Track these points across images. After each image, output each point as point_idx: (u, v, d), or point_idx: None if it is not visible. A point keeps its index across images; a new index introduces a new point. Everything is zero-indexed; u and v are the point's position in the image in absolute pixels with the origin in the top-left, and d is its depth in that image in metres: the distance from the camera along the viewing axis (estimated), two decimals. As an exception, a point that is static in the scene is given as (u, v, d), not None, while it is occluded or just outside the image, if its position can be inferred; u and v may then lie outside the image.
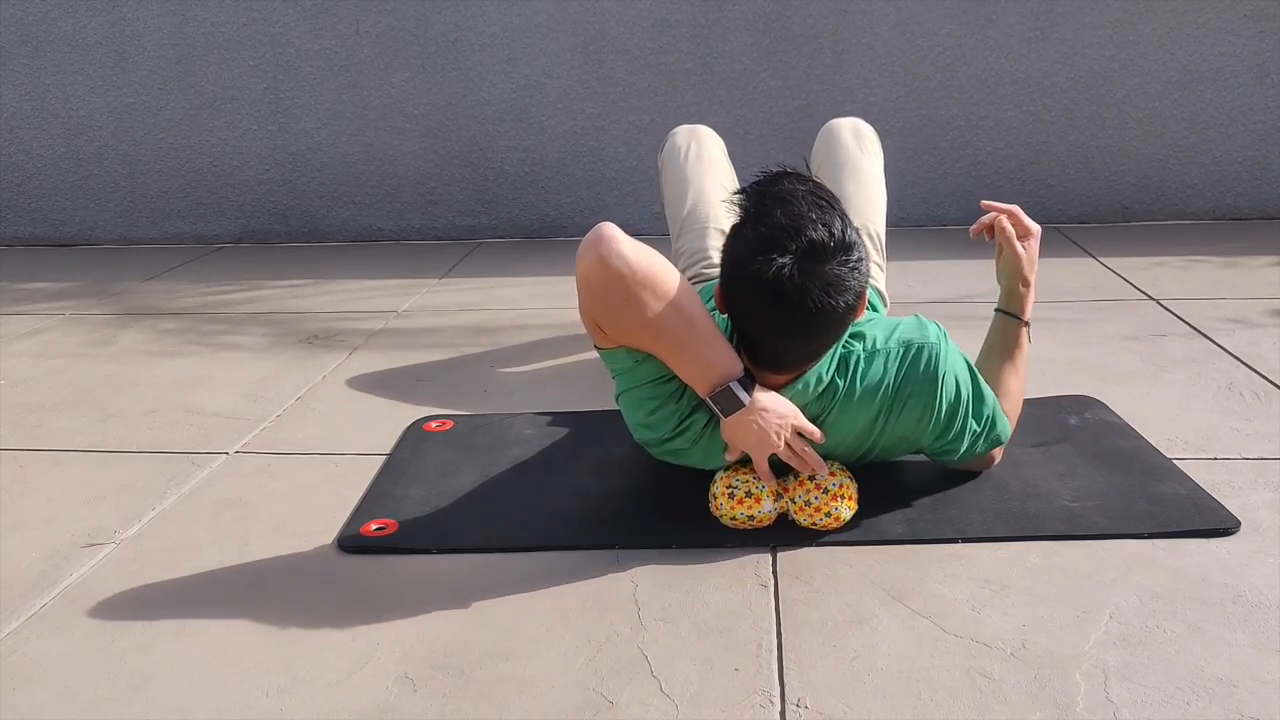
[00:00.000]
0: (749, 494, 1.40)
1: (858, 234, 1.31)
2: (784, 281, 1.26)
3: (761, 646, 1.19)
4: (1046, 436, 1.69)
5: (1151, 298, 2.47)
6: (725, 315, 1.37)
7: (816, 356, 1.36)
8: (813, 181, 1.34)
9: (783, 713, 1.08)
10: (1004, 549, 1.37)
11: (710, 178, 1.96)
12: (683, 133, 2.05)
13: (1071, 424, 1.74)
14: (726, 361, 1.34)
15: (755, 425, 1.34)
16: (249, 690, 1.15)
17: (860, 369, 1.39)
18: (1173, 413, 1.79)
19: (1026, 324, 1.53)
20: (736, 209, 1.34)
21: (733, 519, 1.40)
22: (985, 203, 1.54)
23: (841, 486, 1.40)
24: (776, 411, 1.35)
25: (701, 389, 1.35)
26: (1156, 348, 2.12)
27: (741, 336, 1.38)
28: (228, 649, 1.22)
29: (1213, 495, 1.47)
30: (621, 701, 1.10)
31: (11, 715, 1.12)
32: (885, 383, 1.39)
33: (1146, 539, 1.38)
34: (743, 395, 1.34)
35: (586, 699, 1.11)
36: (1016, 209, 1.52)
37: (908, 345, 1.40)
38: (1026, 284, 1.52)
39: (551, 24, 3.26)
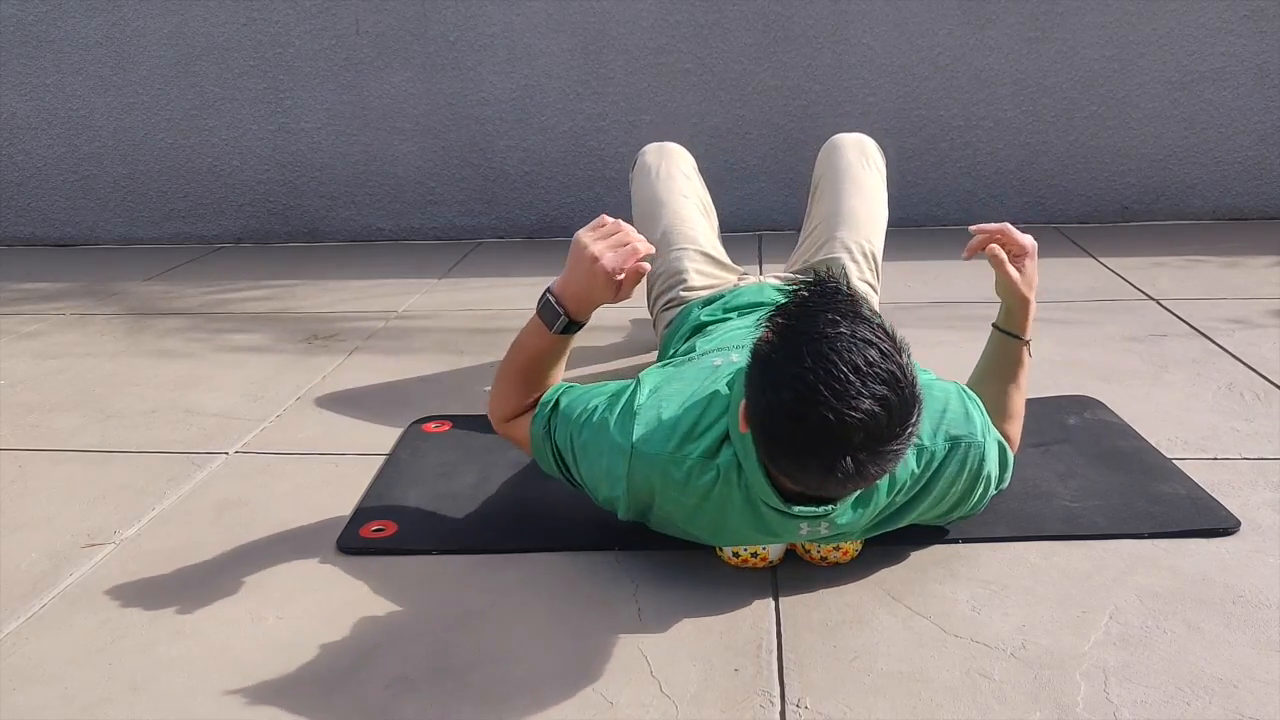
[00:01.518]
0: (754, 554, 1.33)
1: (913, 373, 1.07)
2: (837, 471, 1.04)
3: (761, 646, 1.18)
4: (1046, 436, 1.69)
5: (1151, 298, 2.47)
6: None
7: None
8: (853, 311, 1.07)
9: (783, 713, 1.08)
10: (1004, 549, 1.37)
11: (683, 196, 1.91)
12: (652, 151, 2.00)
13: (1071, 424, 1.74)
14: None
15: (587, 268, 1.33)
16: (249, 690, 1.15)
17: (900, 468, 1.24)
18: (1173, 413, 1.79)
19: (1026, 342, 1.46)
20: (766, 337, 1.09)
21: (735, 554, 1.35)
22: (974, 227, 1.44)
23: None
24: (589, 249, 1.33)
25: (540, 330, 1.40)
26: (1156, 348, 2.12)
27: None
28: (228, 649, 1.22)
29: (1213, 495, 1.47)
30: (621, 701, 1.10)
31: (11, 715, 1.12)
32: (923, 480, 1.26)
33: (1146, 539, 1.38)
34: (549, 299, 1.36)
35: (586, 699, 1.11)
36: (1006, 227, 1.41)
37: (954, 444, 1.26)
38: (1025, 303, 1.43)
39: (551, 24, 3.26)
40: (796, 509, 1.15)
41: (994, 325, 1.48)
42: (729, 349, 1.43)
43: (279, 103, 3.41)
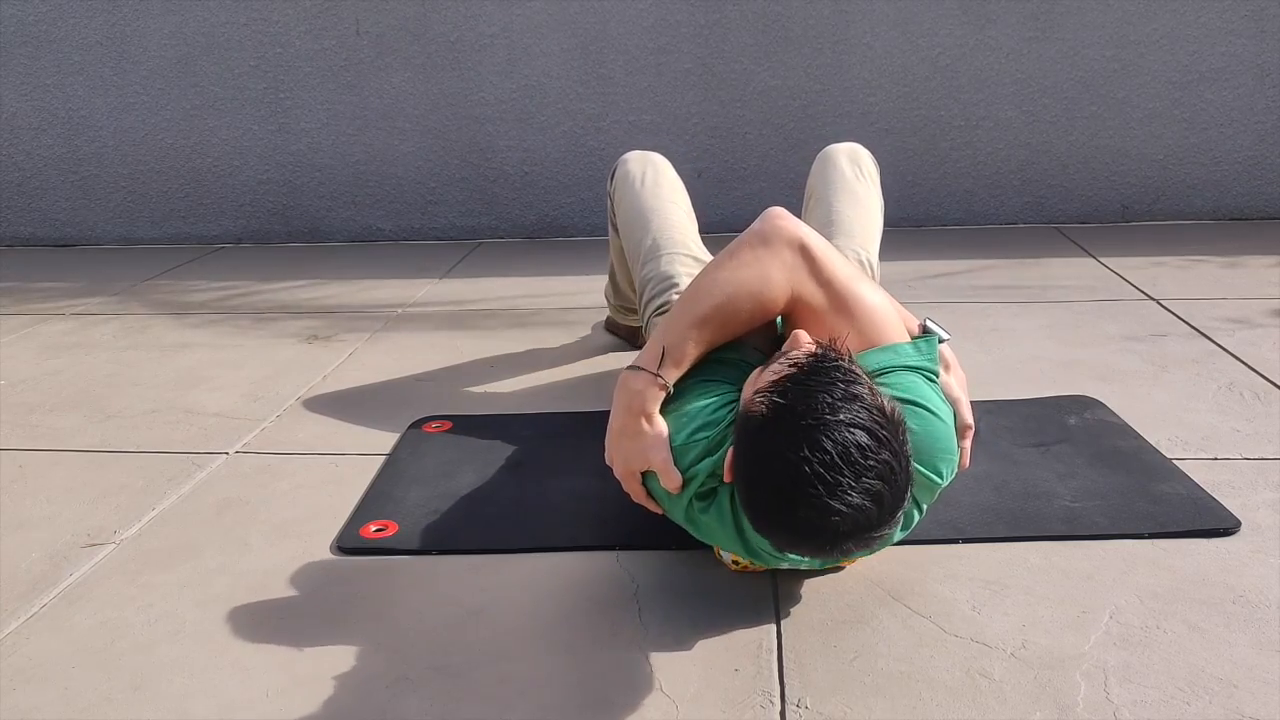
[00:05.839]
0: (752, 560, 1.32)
1: (907, 455, 1.04)
2: (821, 552, 1.04)
3: (761, 646, 1.18)
4: (1046, 436, 1.69)
5: (1151, 298, 2.47)
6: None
7: None
8: (851, 393, 1.03)
9: (783, 713, 1.08)
10: (1004, 549, 1.37)
11: (670, 203, 1.90)
12: (635, 159, 1.97)
13: (1071, 424, 1.74)
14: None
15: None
16: (249, 690, 1.15)
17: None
18: (1173, 413, 1.79)
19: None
20: (760, 409, 1.05)
21: (735, 562, 1.35)
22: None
23: None
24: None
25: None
26: (1156, 348, 2.12)
27: None
28: (228, 649, 1.22)
29: (1213, 495, 1.47)
30: (621, 701, 1.10)
31: (11, 715, 1.12)
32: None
33: (1146, 539, 1.38)
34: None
35: (586, 699, 1.11)
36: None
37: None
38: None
39: (551, 24, 3.26)
40: (790, 555, 1.14)
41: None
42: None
43: (279, 103, 3.41)
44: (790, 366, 1.06)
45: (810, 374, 1.04)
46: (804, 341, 1.16)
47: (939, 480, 1.23)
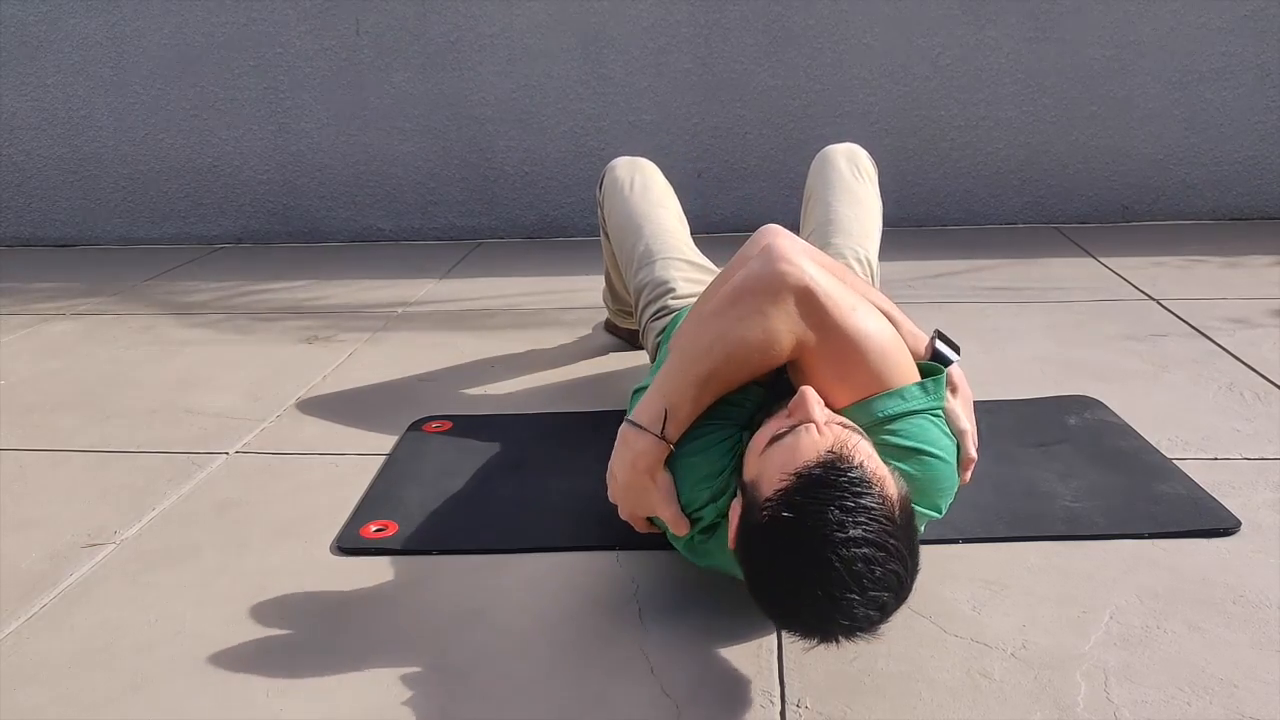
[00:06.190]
0: None
1: (914, 560, 1.04)
2: (823, 643, 1.05)
3: (762, 646, 1.18)
4: (1046, 436, 1.69)
5: (1151, 298, 2.47)
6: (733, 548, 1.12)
7: None
8: (862, 504, 1.00)
9: (783, 713, 1.08)
10: (1004, 549, 1.37)
11: (660, 208, 1.89)
12: (622, 165, 1.97)
13: (1071, 424, 1.74)
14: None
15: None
16: (249, 690, 1.15)
17: None
18: (1173, 413, 1.79)
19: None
20: (768, 509, 1.03)
21: None
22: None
23: None
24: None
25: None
26: (1156, 348, 2.12)
27: None
28: (228, 649, 1.22)
29: (1213, 495, 1.47)
30: (621, 701, 1.10)
31: (11, 715, 1.12)
32: None
33: (1147, 539, 1.38)
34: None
35: (586, 699, 1.11)
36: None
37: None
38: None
39: (551, 24, 3.26)
40: None
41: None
42: None
43: (279, 103, 3.41)
44: (796, 477, 1.02)
45: (819, 486, 1.00)
46: (811, 405, 1.11)
47: (938, 515, 1.25)
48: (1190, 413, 1.79)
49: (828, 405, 1.17)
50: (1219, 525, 1.39)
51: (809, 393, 1.14)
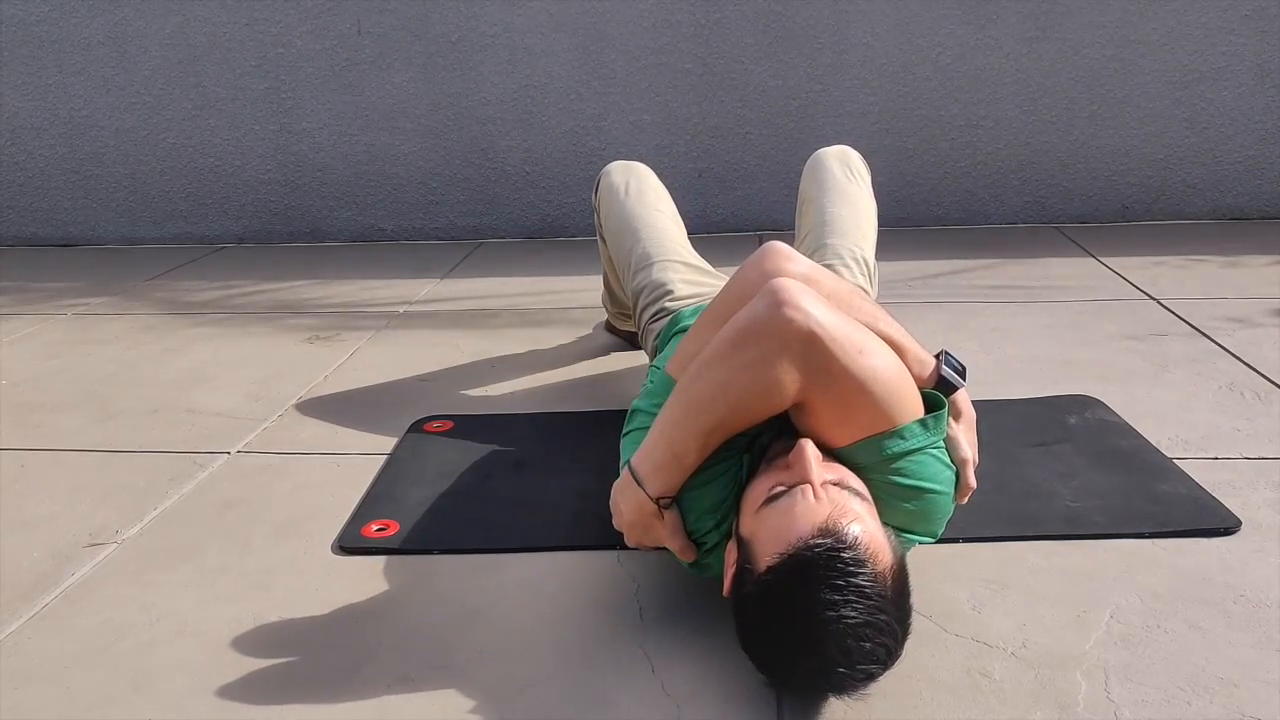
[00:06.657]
0: None
1: (905, 631, 1.05)
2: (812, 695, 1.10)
3: (762, 646, 1.19)
4: (1046, 436, 1.69)
5: (1151, 298, 2.47)
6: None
7: None
8: (855, 583, 0.99)
9: (781, 713, 1.08)
10: (1004, 549, 1.37)
11: (656, 211, 1.90)
12: (617, 170, 1.97)
13: (1071, 424, 1.74)
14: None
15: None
16: (249, 690, 1.15)
17: None
18: (1173, 413, 1.79)
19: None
20: (761, 578, 1.04)
21: None
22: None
23: None
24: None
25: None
26: (1156, 348, 2.13)
27: None
28: (228, 649, 1.23)
29: (1213, 495, 1.47)
30: (621, 701, 1.10)
31: (11, 715, 1.13)
32: None
33: (1147, 539, 1.38)
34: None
35: (587, 699, 1.11)
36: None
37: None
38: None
39: (552, 24, 3.26)
40: None
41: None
42: None
43: (280, 103, 3.41)
44: (789, 557, 1.01)
45: (813, 567, 0.99)
46: (809, 464, 1.10)
47: (932, 540, 1.27)
48: (1190, 412, 1.79)
49: (830, 444, 1.16)
50: (1219, 525, 1.39)
51: (808, 449, 1.11)
